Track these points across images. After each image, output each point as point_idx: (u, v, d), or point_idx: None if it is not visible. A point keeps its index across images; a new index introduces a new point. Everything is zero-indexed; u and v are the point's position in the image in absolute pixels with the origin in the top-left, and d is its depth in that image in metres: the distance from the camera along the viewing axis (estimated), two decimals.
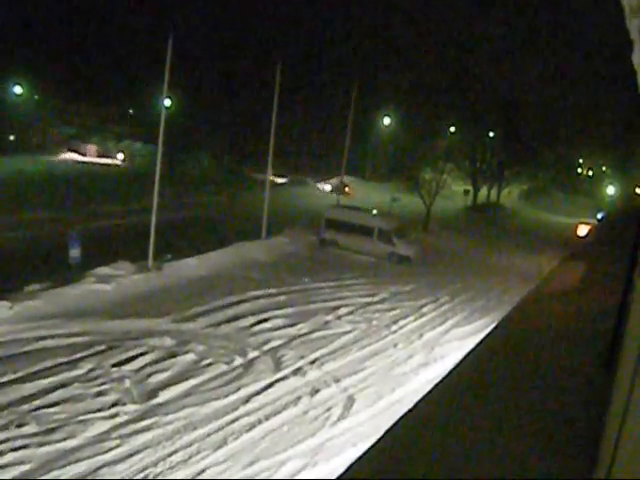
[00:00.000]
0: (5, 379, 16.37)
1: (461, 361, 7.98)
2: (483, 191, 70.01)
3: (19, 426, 14.23)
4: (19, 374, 16.72)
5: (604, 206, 75.61)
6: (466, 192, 68.38)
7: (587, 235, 51.24)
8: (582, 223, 59.15)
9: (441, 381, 7.01)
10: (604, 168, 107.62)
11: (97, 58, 77.00)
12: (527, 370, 7.79)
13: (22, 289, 22.78)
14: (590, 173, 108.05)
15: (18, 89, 65.85)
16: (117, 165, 73.91)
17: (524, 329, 9.98)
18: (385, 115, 67.31)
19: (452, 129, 68.11)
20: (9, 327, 19.84)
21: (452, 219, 57.00)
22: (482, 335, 10.74)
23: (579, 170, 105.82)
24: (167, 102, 31.49)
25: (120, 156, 77.11)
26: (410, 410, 5.93)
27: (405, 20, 72.38)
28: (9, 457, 13.12)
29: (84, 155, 75.08)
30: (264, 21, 75.08)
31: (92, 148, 77.17)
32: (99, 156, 76.91)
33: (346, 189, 59.76)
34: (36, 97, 73.85)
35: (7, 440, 13.66)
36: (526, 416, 5.96)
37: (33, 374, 16.84)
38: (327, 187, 65.54)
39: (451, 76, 70.04)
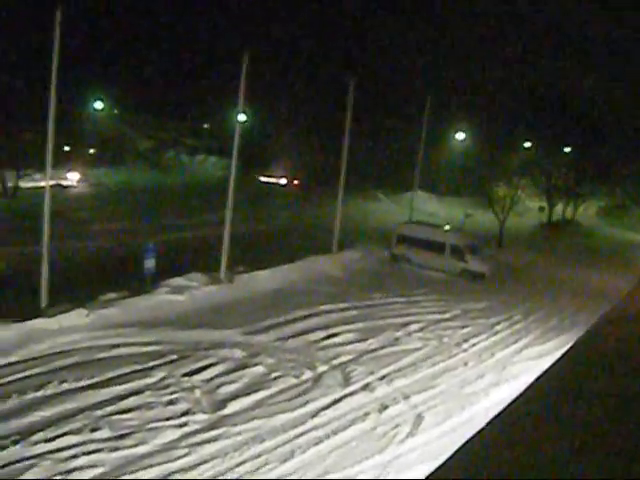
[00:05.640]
0: (81, 384, 16.84)
1: (534, 382, 7.72)
2: (558, 208, 68.36)
3: (93, 430, 14.59)
4: (94, 380, 17.17)
5: None
6: (541, 209, 66.87)
7: None
8: None
9: (513, 401, 6.79)
10: None
11: (174, 73, 79.04)
12: (603, 392, 7.47)
13: (98, 298, 23.38)
14: None
15: (99, 104, 67.92)
16: (69, 187, 55.87)
17: (601, 351, 9.57)
18: (459, 130, 66.73)
19: (527, 144, 66.86)
20: (86, 334, 20.41)
21: (526, 236, 55.74)
22: (556, 356, 10.40)
23: None
24: (242, 117, 31.92)
25: (73, 176, 57.73)
26: (482, 429, 5.74)
27: (480, 33, 71.76)
28: (83, 460, 13.45)
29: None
30: (339, 36, 75.70)
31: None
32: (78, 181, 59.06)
33: (295, 182, 70.64)
34: (115, 111, 76.20)
35: (81, 444, 14.01)
36: (601, 437, 5.70)
37: (107, 381, 17.27)
38: (282, 181, 72.10)
39: (527, 89, 68.98)
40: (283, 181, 71.63)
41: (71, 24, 24.09)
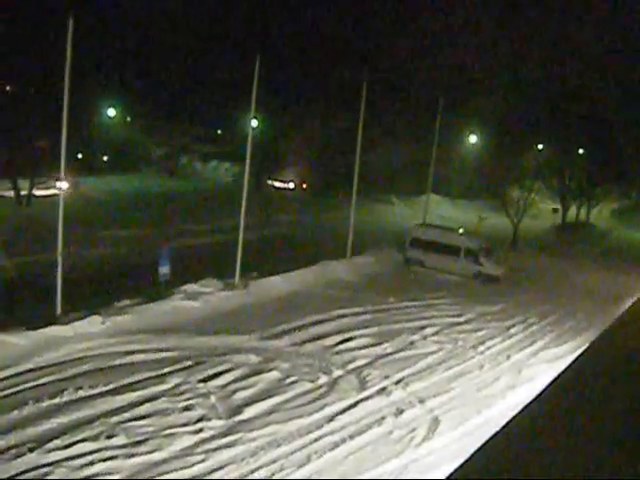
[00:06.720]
0: (97, 391, 16.86)
1: (550, 384, 7.67)
2: (572, 210, 67.98)
3: (109, 437, 14.59)
4: (110, 387, 17.20)
5: None
6: (555, 211, 66.58)
7: None
8: None
9: (529, 404, 6.74)
10: None
11: (186, 79, 79.01)
12: (619, 394, 7.41)
13: (113, 304, 23.42)
14: None
15: (111, 112, 68.16)
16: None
17: (616, 352, 9.52)
18: (471, 133, 66.49)
19: (540, 146, 66.54)
20: (101, 341, 20.45)
21: (540, 238, 55.43)
22: (572, 358, 10.32)
23: None
24: (254, 122, 31.93)
25: (62, 185, 49.17)
26: (498, 432, 5.70)
27: (493, 36, 71.48)
28: (99, 467, 13.46)
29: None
30: (351, 38, 75.34)
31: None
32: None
33: (303, 185, 71.48)
34: (128, 119, 76.49)
35: (97, 450, 14.01)
36: (617, 441, 5.63)
37: (123, 387, 17.29)
38: (291, 185, 72.64)
39: (540, 92, 68.66)
40: (291, 185, 72.14)
41: (83, 32, 24.20)
